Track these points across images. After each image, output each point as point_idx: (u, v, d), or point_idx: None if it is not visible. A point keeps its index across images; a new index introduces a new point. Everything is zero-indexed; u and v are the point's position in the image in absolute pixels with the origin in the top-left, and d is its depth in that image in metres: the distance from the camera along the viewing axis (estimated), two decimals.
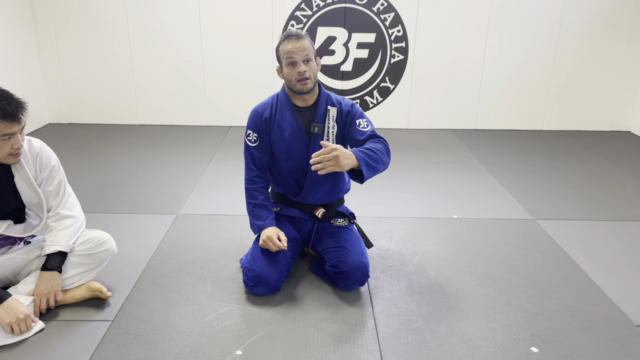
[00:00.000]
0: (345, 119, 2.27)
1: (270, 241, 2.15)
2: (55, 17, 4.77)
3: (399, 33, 4.89)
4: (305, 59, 2.13)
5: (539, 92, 5.09)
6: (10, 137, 1.82)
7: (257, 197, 2.28)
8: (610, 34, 4.89)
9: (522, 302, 2.19)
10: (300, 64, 2.12)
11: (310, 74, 2.15)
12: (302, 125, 2.24)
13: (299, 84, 2.15)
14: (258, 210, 2.27)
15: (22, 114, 1.82)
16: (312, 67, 2.16)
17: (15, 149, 1.85)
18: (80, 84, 4.99)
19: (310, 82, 2.15)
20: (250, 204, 2.29)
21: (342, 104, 2.28)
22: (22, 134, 1.87)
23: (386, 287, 2.29)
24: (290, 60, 2.13)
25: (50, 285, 1.98)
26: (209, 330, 1.96)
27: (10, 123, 1.78)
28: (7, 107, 1.76)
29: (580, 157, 4.34)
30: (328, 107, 2.25)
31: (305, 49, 2.12)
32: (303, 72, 2.12)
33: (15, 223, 2.04)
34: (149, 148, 4.36)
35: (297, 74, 2.13)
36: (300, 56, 2.12)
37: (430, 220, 3.02)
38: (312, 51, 2.17)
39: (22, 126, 1.85)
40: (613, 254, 2.66)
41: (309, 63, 2.15)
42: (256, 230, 2.27)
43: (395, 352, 1.87)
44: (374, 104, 5.13)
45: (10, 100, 1.78)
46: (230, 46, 4.90)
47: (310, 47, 2.16)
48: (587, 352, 1.89)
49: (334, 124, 2.25)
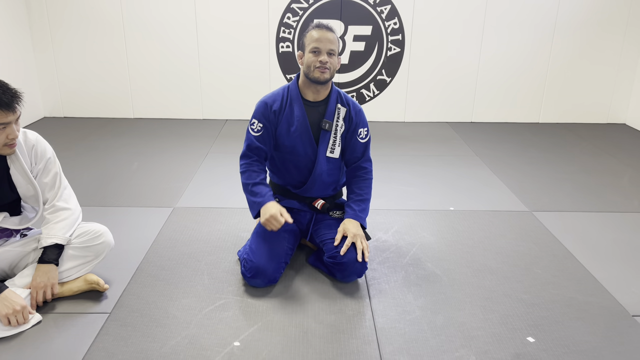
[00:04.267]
0: (351, 123, 2.31)
1: (274, 219, 2.13)
2: (50, 10, 4.74)
3: (396, 26, 4.88)
4: (329, 50, 2.15)
5: (535, 85, 5.10)
6: (5, 127, 1.82)
7: (255, 177, 2.27)
8: (606, 27, 4.90)
9: (518, 293, 2.20)
10: (324, 53, 2.14)
11: (331, 64, 2.17)
12: (309, 122, 2.25)
13: (317, 70, 2.15)
14: (256, 188, 2.25)
15: (18, 103, 1.82)
16: (334, 61, 2.18)
17: (10, 139, 1.85)
18: (75, 77, 4.96)
19: (328, 73, 2.17)
20: (247, 184, 2.27)
21: (352, 106, 2.31)
22: (17, 125, 1.87)
23: (383, 278, 2.30)
24: (315, 48, 2.15)
25: (47, 277, 1.97)
26: (207, 322, 1.97)
27: (5, 112, 1.78)
28: (3, 96, 1.76)
29: (576, 149, 4.35)
30: (338, 105, 2.27)
31: (332, 42, 2.15)
32: (325, 63, 2.14)
33: (11, 216, 2.03)
34: (145, 141, 4.34)
35: (318, 62, 2.14)
36: (326, 47, 2.14)
37: (427, 212, 3.02)
38: (338, 47, 2.20)
39: (18, 116, 1.84)
40: (609, 245, 2.67)
41: (332, 57, 2.17)
42: (256, 209, 2.22)
43: (393, 343, 1.88)
44: (371, 97, 5.12)
45: (5, 89, 1.78)
46: (226, 39, 4.88)
47: (337, 42, 2.19)
48: (583, 341, 1.90)
49: (342, 123, 2.28)
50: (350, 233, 2.20)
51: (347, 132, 2.31)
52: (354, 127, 2.31)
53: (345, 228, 2.22)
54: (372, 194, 2.39)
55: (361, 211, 2.30)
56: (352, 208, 2.30)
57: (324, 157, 2.29)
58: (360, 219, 2.28)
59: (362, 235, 2.22)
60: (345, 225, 2.23)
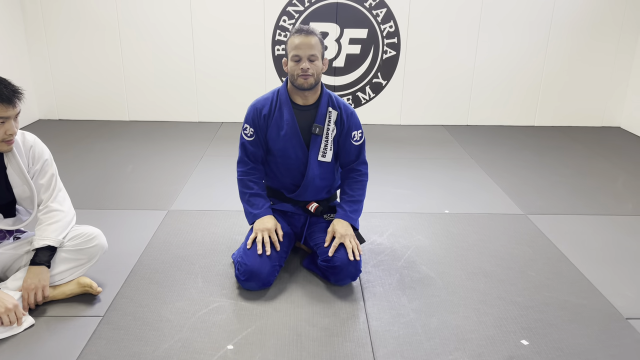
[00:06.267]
0: (343, 126, 2.28)
1: (268, 234, 2.17)
2: (44, 12, 4.73)
3: (391, 29, 4.89)
4: (310, 56, 2.11)
5: (530, 88, 5.11)
6: (4, 122, 1.83)
7: (252, 187, 2.29)
8: (600, 30, 4.92)
9: (512, 296, 2.20)
10: (304, 60, 2.11)
11: (314, 71, 2.13)
12: (299, 125, 2.24)
13: (300, 78, 2.14)
14: (254, 199, 2.27)
15: (18, 98, 1.84)
16: (317, 65, 2.14)
17: (8, 134, 1.85)
18: (70, 79, 4.95)
19: (312, 79, 2.14)
20: (245, 193, 2.29)
21: (343, 109, 2.28)
22: (16, 122, 1.88)
23: (378, 281, 2.30)
24: (295, 56, 2.12)
25: (38, 279, 1.96)
26: (200, 325, 1.96)
27: (5, 107, 1.80)
28: (4, 90, 1.79)
29: (571, 152, 4.37)
30: (329, 108, 2.25)
31: (312, 47, 2.11)
32: (306, 70, 2.11)
33: (4, 217, 2.02)
34: (140, 144, 4.33)
35: (299, 70, 2.12)
36: (306, 53, 2.11)
37: (422, 215, 3.03)
38: (320, 50, 2.15)
39: (17, 112, 1.86)
40: (603, 248, 2.68)
41: (314, 62, 2.13)
42: (251, 219, 2.26)
43: (387, 346, 1.87)
44: (366, 99, 5.13)
45: (6, 84, 1.82)
46: (222, 42, 4.88)
47: (319, 45, 2.14)
48: (576, 344, 1.90)
49: (333, 127, 2.26)
50: (338, 234, 2.19)
51: (339, 135, 2.30)
52: (347, 131, 2.29)
53: (334, 229, 2.22)
54: (366, 196, 2.38)
55: (352, 212, 2.29)
56: (342, 208, 2.30)
57: (316, 162, 2.28)
58: (350, 219, 2.27)
59: (351, 235, 2.20)
60: (334, 225, 2.23)
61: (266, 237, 2.17)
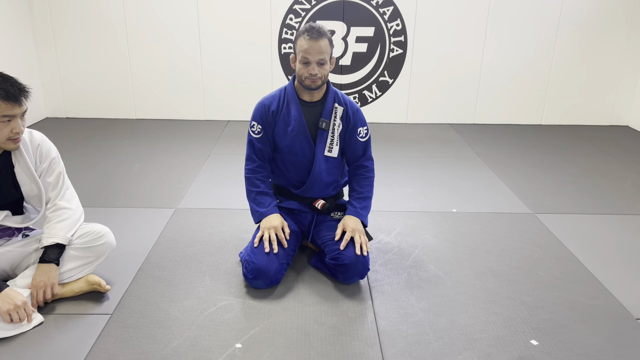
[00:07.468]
0: (349, 122, 2.31)
1: (275, 231, 2.17)
2: (52, 10, 4.74)
3: (398, 27, 4.87)
4: (319, 60, 2.12)
5: (538, 87, 5.08)
6: (10, 120, 1.83)
7: (259, 185, 2.30)
8: (608, 29, 4.88)
9: (521, 295, 2.19)
10: (313, 65, 2.12)
11: (322, 74, 2.16)
12: (306, 121, 2.26)
13: (307, 80, 2.17)
14: (260, 197, 2.29)
15: (25, 97, 1.84)
16: (325, 69, 2.16)
17: (14, 133, 1.85)
18: (77, 77, 4.96)
19: (320, 81, 2.18)
20: (252, 191, 2.31)
21: (349, 106, 2.31)
22: (23, 120, 1.88)
23: (386, 280, 2.29)
24: (304, 59, 2.13)
25: (47, 277, 1.96)
26: (209, 324, 1.96)
27: (12, 105, 1.79)
28: (10, 89, 1.79)
29: (579, 151, 4.34)
30: (335, 104, 2.27)
31: (322, 52, 2.11)
32: (315, 74, 2.13)
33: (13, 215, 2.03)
34: (148, 142, 4.34)
35: (308, 74, 2.14)
36: (315, 58, 2.12)
37: (429, 214, 3.01)
38: (329, 53, 2.16)
39: (24, 111, 1.86)
40: (612, 247, 2.66)
41: (323, 65, 2.15)
42: (258, 218, 2.27)
43: (395, 345, 1.87)
44: (373, 98, 5.12)
45: (13, 82, 1.82)
46: (229, 40, 4.88)
47: (328, 48, 2.15)
48: (586, 345, 1.89)
49: (339, 123, 2.28)
50: (349, 228, 2.21)
51: (345, 131, 2.31)
52: (352, 127, 2.31)
53: (345, 223, 2.24)
54: (374, 195, 2.39)
55: (362, 208, 2.31)
56: (353, 205, 2.32)
57: (322, 157, 2.29)
58: (360, 216, 2.29)
59: (361, 231, 2.22)
60: (345, 220, 2.25)
61: (273, 235, 2.17)
